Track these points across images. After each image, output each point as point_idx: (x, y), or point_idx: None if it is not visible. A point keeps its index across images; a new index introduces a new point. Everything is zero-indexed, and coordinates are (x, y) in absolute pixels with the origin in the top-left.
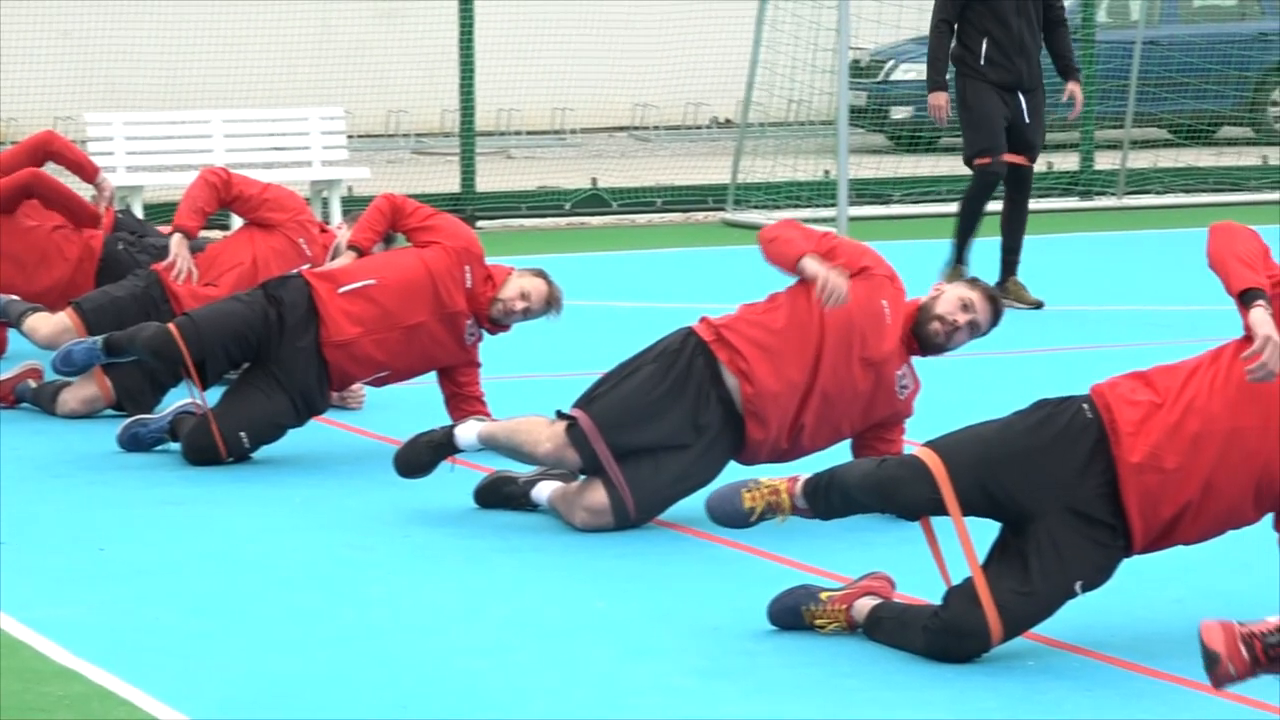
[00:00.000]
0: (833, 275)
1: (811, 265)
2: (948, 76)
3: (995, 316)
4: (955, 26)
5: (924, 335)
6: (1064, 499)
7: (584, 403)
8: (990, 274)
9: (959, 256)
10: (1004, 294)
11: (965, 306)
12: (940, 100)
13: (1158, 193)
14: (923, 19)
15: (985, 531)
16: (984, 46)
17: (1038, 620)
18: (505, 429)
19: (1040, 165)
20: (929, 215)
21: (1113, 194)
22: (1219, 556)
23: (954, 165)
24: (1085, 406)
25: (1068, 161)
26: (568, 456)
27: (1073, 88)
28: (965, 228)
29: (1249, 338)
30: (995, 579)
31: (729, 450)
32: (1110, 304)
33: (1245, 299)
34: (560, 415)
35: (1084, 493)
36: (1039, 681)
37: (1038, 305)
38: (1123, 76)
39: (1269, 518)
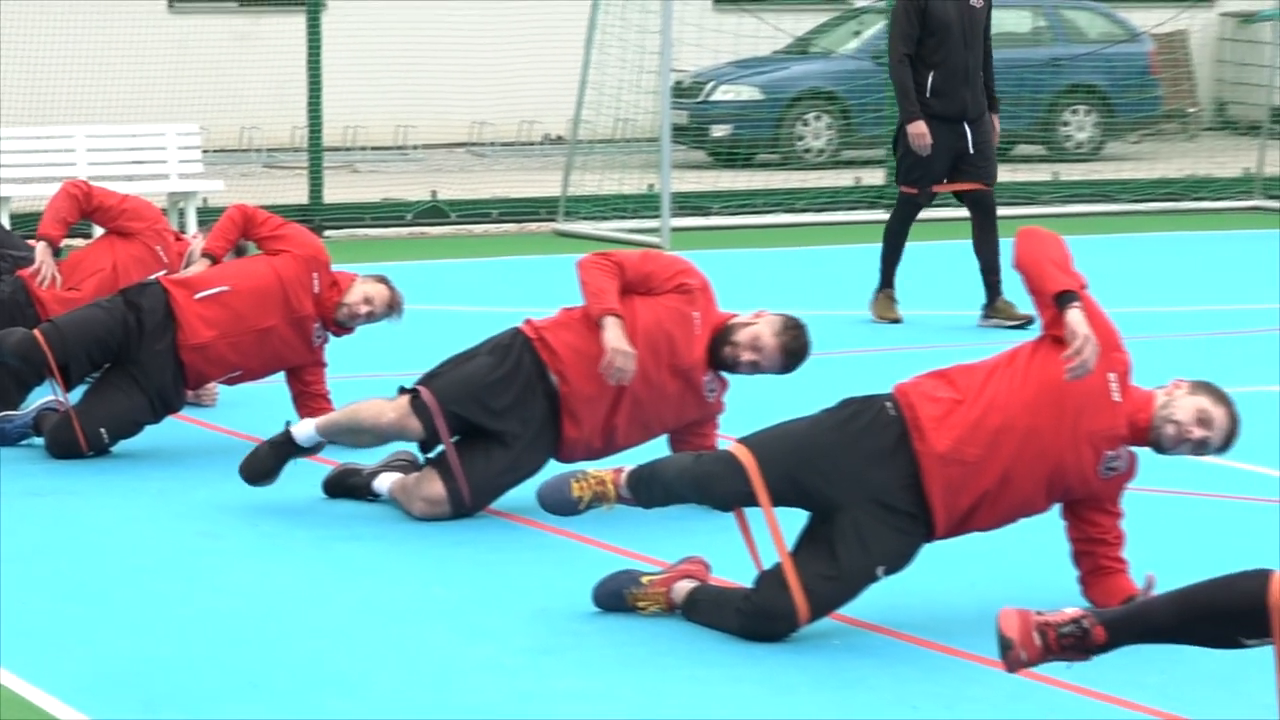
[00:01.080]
0: (618, 356)
1: (608, 334)
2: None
3: (785, 362)
4: (907, 63)
5: (718, 354)
6: (868, 490)
7: (426, 380)
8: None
9: (887, 280)
10: (995, 313)
11: (756, 347)
12: (920, 129)
13: (957, 205)
14: (740, 44)
15: (794, 520)
16: (931, 78)
17: (842, 602)
18: (344, 414)
19: (846, 180)
20: (746, 226)
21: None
22: (1011, 543)
23: (768, 179)
24: (888, 404)
25: (874, 176)
26: (410, 425)
27: (994, 118)
28: (890, 252)
29: (1054, 338)
30: (803, 565)
31: (551, 444)
32: (913, 309)
33: (1061, 301)
34: (403, 390)
35: (886, 484)
36: (843, 659)
37: (1025, 322)
38: None
39: (1057, 507)
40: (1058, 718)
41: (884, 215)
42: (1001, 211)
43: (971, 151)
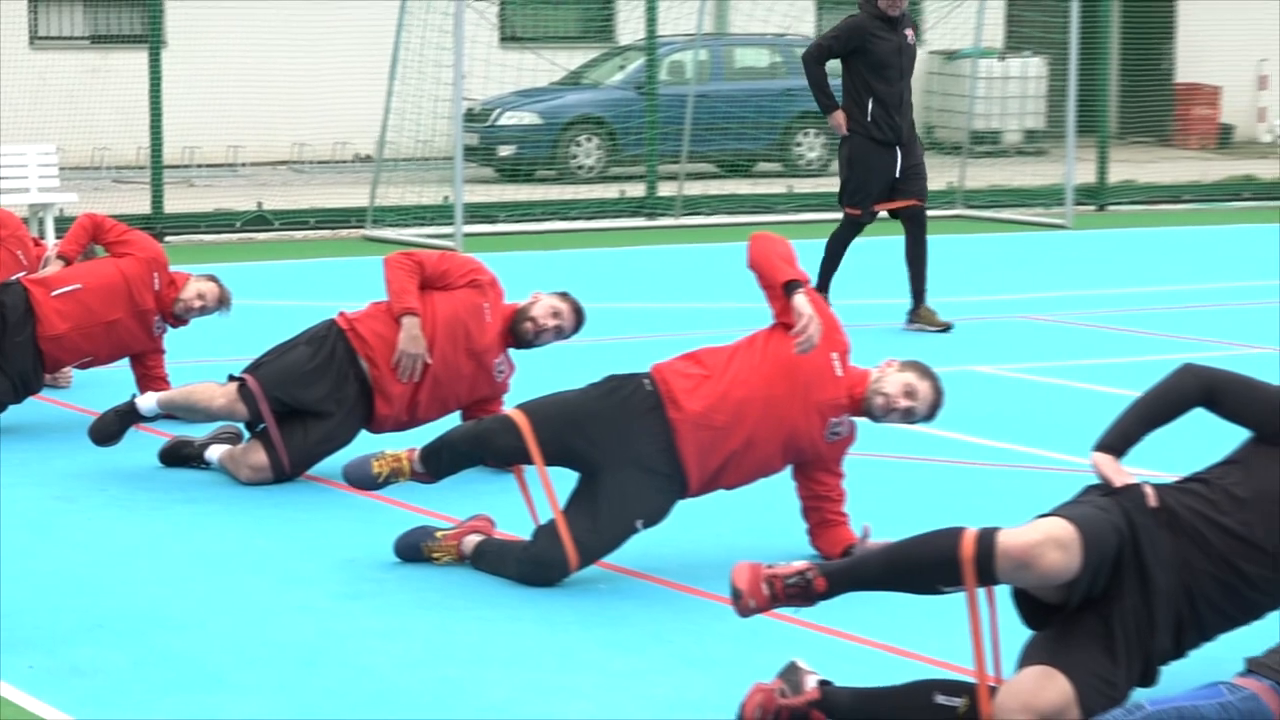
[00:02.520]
0: (406, 355)
1: (402, 333)
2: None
3: (578, 322)
4: (824, 65)
5: (518, 332)
6: (628, 453)
7: (251, 369)
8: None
9: (823, 285)
10: (918, 319)
11: (555, 311)
12: (839, 118)
13: (707, 214)
14: (522, 76)
15: (566, 482)
16: (870, 105)
17: (607, 551)
18: (181, 393)
19: (613, 192)
20: (528, 232)
21: (672, 215)
22: (751, 501)
23: (546, 192)
24: (646, 380)
25: (636, 189)
26: (237, 409)
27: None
28: (829, 262)
29: (785, 325)
30: (573, 519)
31: (362, 420)
32: (669, 302)
33: (789, 290)
34: (232, 378)
35: (644, 448)
36: (608, 600)
37: (946, 328)
38: (680, 122)
39: (789, 470)
40: (789, 648)
41: (646, 222)
42: (742, 219)
43: (899, 176)
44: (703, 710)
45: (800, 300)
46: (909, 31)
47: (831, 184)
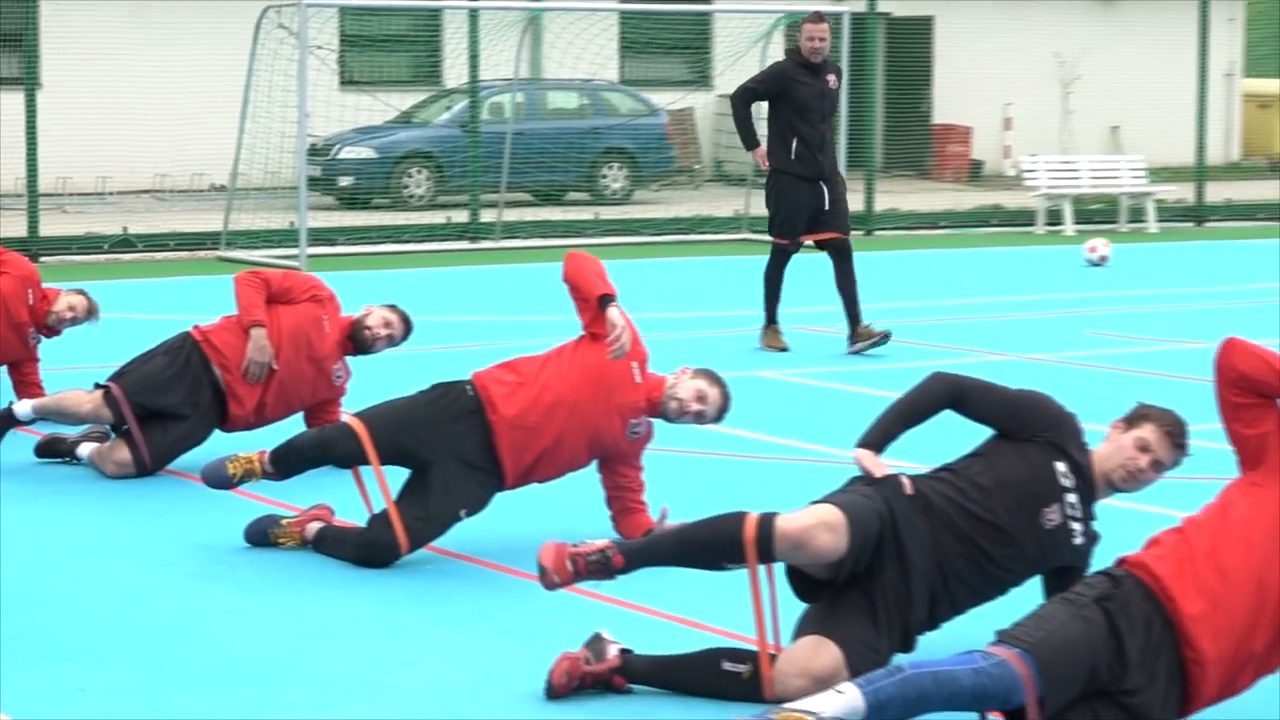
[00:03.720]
0: (253, 364)
1: (250, 343)
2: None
3: (407, 331)
4: (749, 105)
5: (357, 340)
6: (452, 451)
7: (115, 377)
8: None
9: (770, 318)
10: (858, 339)
11: (387, 322)
12: (759, 154)
13: (524, 238)
14: (360, 115)
15: (398, 474)
16: (794, 144)
17: (434, 537)
18: (54, 399)
19: (440, 218)
20: (364, 254)
21: (492, 239)
22: (562, 492)
23: (381, 218)
24: (468, 387)
25: (461, 215)
26: (103, 413)
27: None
28: (770, 294)
29: (592, 334)
30: (404, 508)
31: (216, 420)
32: (489, 316)
33: (602, 303)
34: (98, 385)
35: (467, 447)
36: (436, 580)
37: (885, 336)
38: (499, 157)
39: (595, 462)
40: (595, 621)
41: (469, 245)
42: (555, 242)
43: (828, 208)
44: (518, 677)
45: (613, 313)
46: (831, 77)
47: (632, 211)
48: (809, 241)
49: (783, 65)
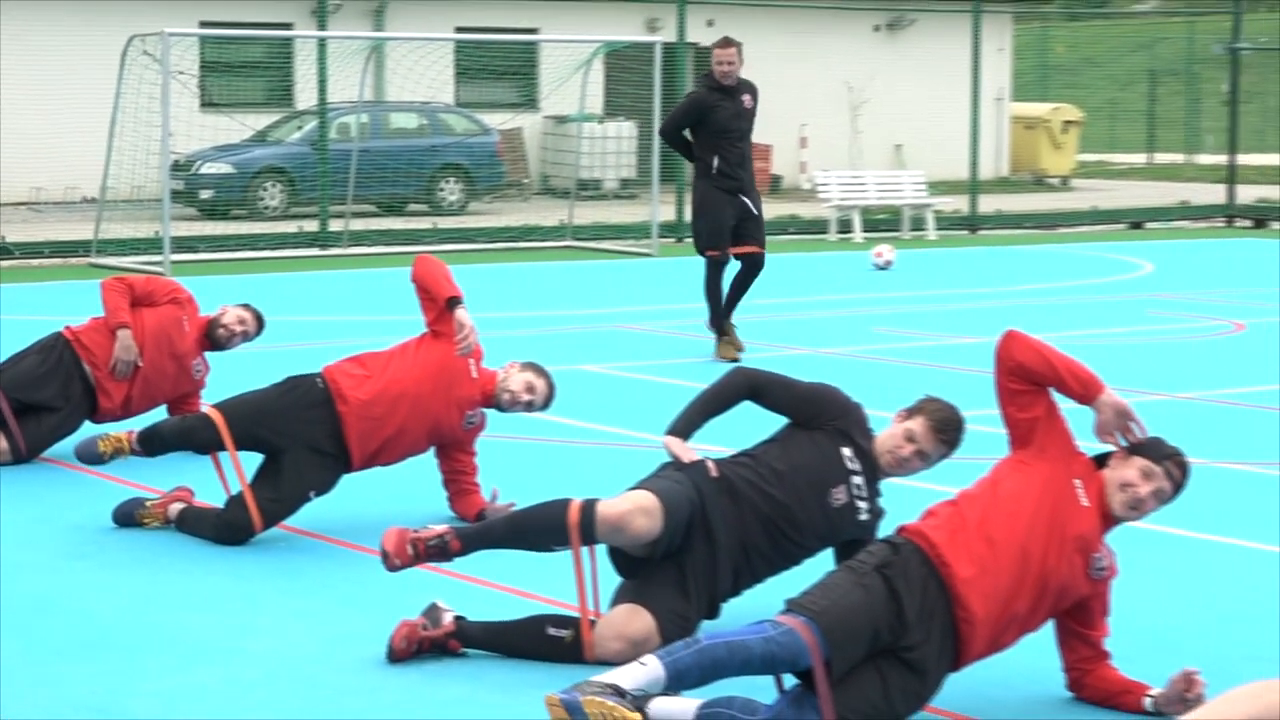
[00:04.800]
0: (120, 363)
1: (118, 343)
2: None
3: (259, 328)
4: (681, 134)
5: (214, 338)
6: (303, 438)
7: None
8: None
9: (714, 326)
10: (728, 336)
11: (241, 320)
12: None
13: (369, 245)
14: (219, 134)
15: (253, 460)
16: (715, 162)
17: (286, 516)
18: None
19: (293, 228)
20: (223, 260)
21: (340, 246)
22: (403, 477)
23: (238, 228)
24: (318, 380)
25: (312, 225)
26: None
27: None
28: (712, 304)
29: (435, 331)
30: (258, 490)
31: (87, 412)
32: (338, 316)
33: (451, 304)
34: None
35: (316, 434)
36: (287, 555)
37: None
38: (346, 172)
39: (433, 449)
40: (432, 591)
41: (319, 252)
42: (397, 249)
43: (754, 214)
44: (362, 642)
45: (461, 313)
46: (746, 97)
47: (467, 221)
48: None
49: (698, 93)
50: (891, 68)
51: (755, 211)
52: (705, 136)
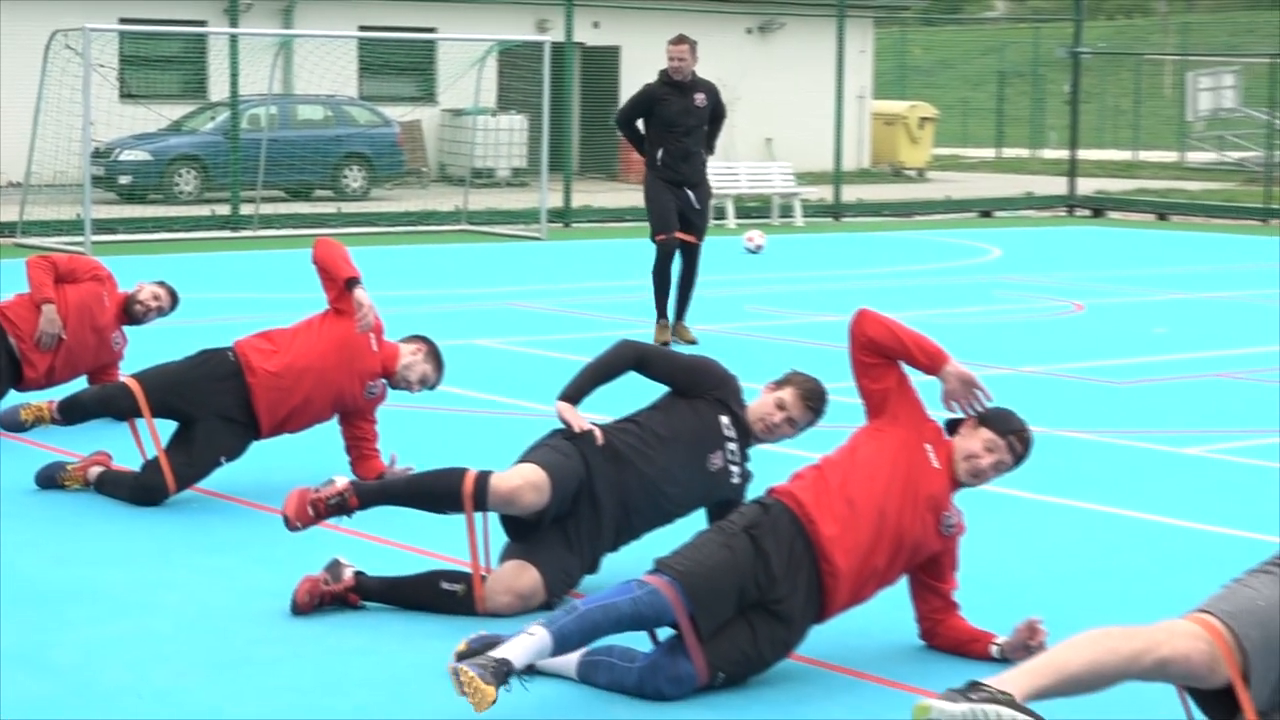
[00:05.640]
0: (45, 335)
1: (43, 317)
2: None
3: (173, 303)
4: (632, 125)
5: (131, 313)
6: (214, 408)
7: None
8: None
9: (660, 311)
10: (682, 332)
11: (156, 296)
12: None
13: (277, 228)
14: (136, 124)
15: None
16: (661, 154)
17: (198, 479)
18: None
19: (206, 211)
20: (140, 240)
21: (251, 228)
22: (306, 445)
23: (157, 210)
24: (229, 353)
25: (224, 209)
26: None
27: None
28: (658, 289)
29: (337, 310)
30: (173, 456)
31: (12, 382)
32: (248, 294)
33: (350, 284)
34: None
35: (227, 404)
36: (199, 515)
37: (692, 343)
38: (256, 159)
39: (338, 416)
40: (334, 548)
41: (231, 234)
42: (304, 232)
43: (697, 208)
44: (269, 596)
45: (360, 293)
46: (700, 95)
47: (369, 206)
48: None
49: (652, 86)
50: (762, 67)
51: (697, 206)
52: (653, 129)
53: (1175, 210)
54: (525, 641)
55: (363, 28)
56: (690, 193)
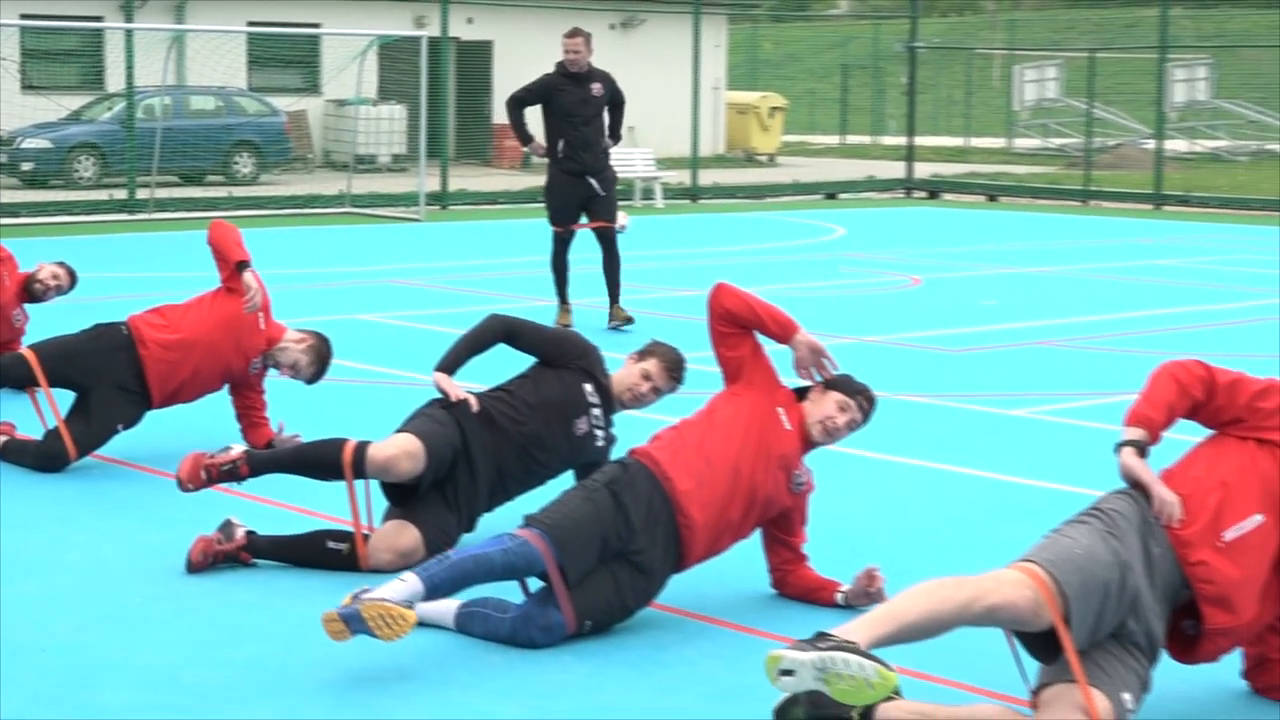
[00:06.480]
0: None
1: None
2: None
3: (72, 282)
4: (521, 109)
5: (32, 291)
6: (109, 378)
7: None
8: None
9: (562, 300)
10: (614, 317)
11: (55, 275)
12: (534, 146)
13: (172, 211)
14: (38, 113)
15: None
16: (560, 145)
17: (96, 447)
18: None
19: (105, 196)
20: (40, 224)
21: (147, 212)
22: (199, 411)
23: (58, 195)
24: (123, 327)
25: (121, 194)
26: None
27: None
28: (557, 277)
29: (229, 289)
30: (72, 424)
31: None
32: (144, 273)
33: (240, 266)
34: None
35: (122, 375)
36: (98, 481)
37: (630, 320)
38: (152, 147)
39: (227, 387)
40: (228, 510)
41: (128, 217)
42: (197, 215)
43: (601, 195)
44: (165, 555)
45: (249, 276)
46: (596, 85)
47: (258, 190)
48: (585, 230)
49: (549, 76)
50: (625, 61)
51: (602, 192)
52: (551, 119)
53: (1003, 192)
54: (398, 586)
55: (251, 23)
56: (594, 180)
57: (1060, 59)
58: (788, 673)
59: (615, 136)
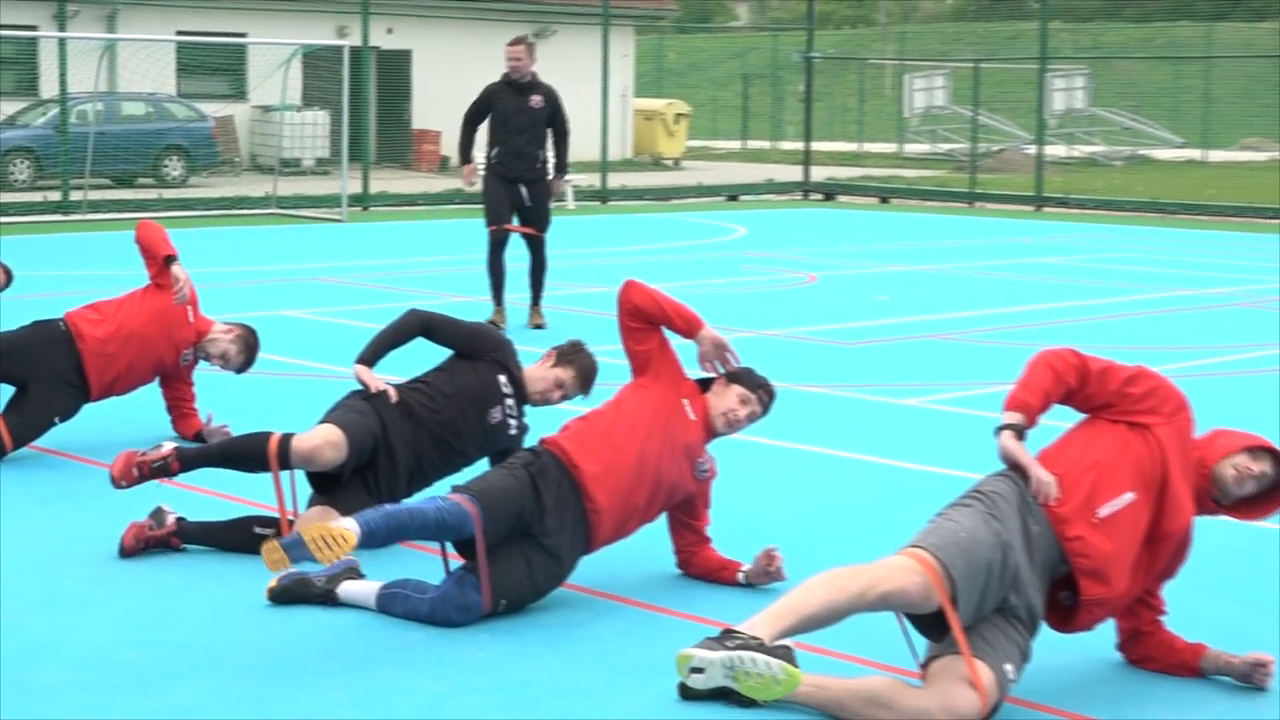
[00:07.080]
0: None
1: None
2: (480, 165)
3: (8, 281)
4: (473, 128)
5: None
6: (50, 373)
7: None
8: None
9: (497, 300)
10: (535, 317)
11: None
12: (468, 171)
13: (104, 212)
14: None
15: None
16: (495, 151)
17: (33, 438)
18: None
19: (39, 198)
20: None
21: (80, 213)
22: (132, 403)
23: (3, 197)
24: (61, 323)
25: (55, 195)
26: None
27: (557, 181)
28: (492, 279)
29: (157, 284)
30: (9, 416)
31: None
32: (77, 271)
33: (168, 261)
34: None
35: (59, 368)
36: (38, 472)
37: (541, 326)
38: (85, 151)
39: (159, 379)
40: (159, 498)
41: (62, 218)
42: (128, 215)
43: (529, 205)
44: (98, 540)
45: (176, 269)
46: (537, 98)
47: (187, 192)
48: (517, 234)
49: (493, 85)
50: (538, 69)
51: (529, 203)
52: (491, 126)
53: (895, 194)
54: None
55: (180, 32)
56: (524, 189)
57: (947, 69)
58: (698, 670)
59: (561, 169)
